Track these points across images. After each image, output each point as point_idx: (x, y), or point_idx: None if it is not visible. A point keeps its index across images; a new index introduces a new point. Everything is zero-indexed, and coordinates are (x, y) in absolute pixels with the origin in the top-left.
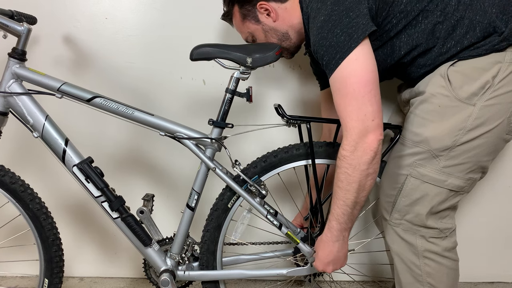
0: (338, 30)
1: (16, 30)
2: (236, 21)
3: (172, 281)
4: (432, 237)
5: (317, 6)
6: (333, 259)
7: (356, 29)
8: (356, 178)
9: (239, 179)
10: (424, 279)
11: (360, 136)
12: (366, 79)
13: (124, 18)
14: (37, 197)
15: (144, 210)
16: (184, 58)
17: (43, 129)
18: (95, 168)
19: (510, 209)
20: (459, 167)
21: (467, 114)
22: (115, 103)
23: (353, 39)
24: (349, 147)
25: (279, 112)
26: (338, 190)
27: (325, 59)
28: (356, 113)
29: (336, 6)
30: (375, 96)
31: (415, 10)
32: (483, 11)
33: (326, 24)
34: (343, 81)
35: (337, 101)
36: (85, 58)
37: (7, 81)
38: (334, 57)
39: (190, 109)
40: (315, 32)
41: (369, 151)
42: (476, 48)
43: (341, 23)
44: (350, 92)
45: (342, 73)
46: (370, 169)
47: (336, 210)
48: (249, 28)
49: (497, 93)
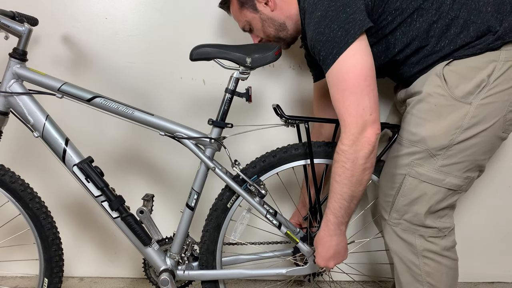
0: (335, 26)
1: (17, 30)
2: (233, 9)
3: (171, 280)
4: (431, 236)
5: (313, 1)
6: (333, 254)
7: (353, 25)
8: (353, 172)
9: (238, 179)
10: (423, 278)
11: (359, 130)
12: (364, 74)
13: (124, 18)
14: (37, 196)
15: (144, 210)
16: (184, 58)
17: (43, 129)
18: (95, 167)
19: (510, 209)
20: (457, 166)
21: (464, 113)
22: (115, 103)
23: (350, 35)
24: (347, 141)
25: (278, 112)
26: (336, 184)
27: (322, 54)
28: (355, 107)
29: (333, 2)
30: (373, 91)
31: (410, 8)
32: (477, 11)
33: (323, 19)
34: (340, 76)
35: (335, 96)
36: (85, 58)
37: (8, 81)
38: (331, 52)
39: (190, 109)
40: (312, 28)
41: (367, 145)
42: (471, 47)
43: (338, 18)
44: (349, 87)
45: (340, 68)
46: (368, 163)
47: (333, 204)
48: (246, 16)
49: (493, 91)
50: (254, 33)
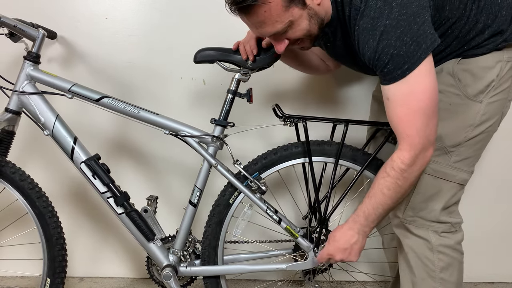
0: (407, 39)
1: (31, 34)
2: (271, 10)
3: (174, 275)
4: (444, 231)
5: (377, 5)
6: (346, 248)
7: (424, 38)
8: (404, 188)
9: (240, 176)
10: (437, 274)
11: (423, 151)
12: (436, 94)
13: (124, 18)
14: (44, 195)
15: (148, 209)
16: (185, 58)
17: (53, 128)
18: (102, 164)
19: (510, 209)
20: (466, 161)
21: (476, 111)
22: (122, 103)
23: (422, 49)
24: (409, 161)
25: (276, 113)
26: (381, 196)
27: (388, 67)
28: (424, 129)
29: (404, 10)
30: (437, 110)
31: (453, 17)
32: (494, 15)
33: (393, 29)
34: (414, 95)
35: (399, 113)
36: (85, 58)
37: (22, 82)
38: (400, 67)
39: (190, 109)
40: (377, 37)
41: (425, 164)
42: (481, 47)
43: (411, 30)
44: (422, 108)
45: (412, 86)
46: (417, 178)
47: (370, 210)
48: (293, 15)
49: (498, 90)
50: (289, 35)
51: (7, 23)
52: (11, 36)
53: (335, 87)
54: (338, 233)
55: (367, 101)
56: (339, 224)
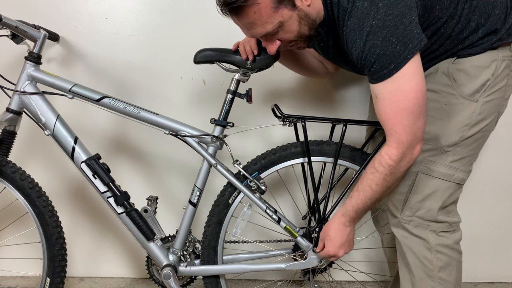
0: (393, 39)
1: (33, 35)
2: (261, 11)
3: (174, 274)
4: (442, 231)
5: (363, 5)
6: (344, 242)
7: (411, 38)
8: (391, 183)
9: (239, 176)
10: (435, 274)
11: (410, 148)
12: (423, 93)
13: (124, 18)
14: (44, 194)
15: (148, 209)
16: (185, 58)
17: (54, 128)
18: (103, 164)
19: (510, 209)
20: (463, 161)
21: (472, 111)
22: (123, 103)
23: (408, 49)
24: (397, 157)
25: (275, 113)
26: (370, 190)
27: (374, 66)
28: (411, 127)
29: (390, 10)
30: (425, 110)
31: (444, 17)
32: (487, 14)
33: (379, 30)
34: (401, 94)
35: (388, 111)
36: (85, 59)
37: (23, 82)
38: (387, 66)
39: (190, 109)
40: (363, 37)
41: (412, 161)
42: (475, 46)
43: (397, 30)
44: (409, 107)
45: (399, 85)
46: (403, 174)
47: (359, 204)
48: (282, 16)
49: (494, 89)
50: (280, 36)
51: (9, 24)
52: (14, 38)
53: (334, 87)
54: (331, 232)
55: (365, 101)
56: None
